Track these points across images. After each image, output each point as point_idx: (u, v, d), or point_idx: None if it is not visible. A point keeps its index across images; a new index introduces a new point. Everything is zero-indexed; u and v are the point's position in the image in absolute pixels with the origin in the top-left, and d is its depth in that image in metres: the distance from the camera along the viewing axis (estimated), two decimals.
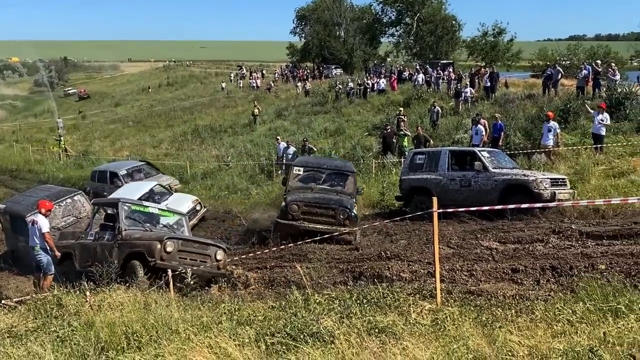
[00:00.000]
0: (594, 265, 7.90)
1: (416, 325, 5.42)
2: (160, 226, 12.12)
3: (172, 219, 12.69)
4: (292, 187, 13.95)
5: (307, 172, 14.44)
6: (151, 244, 10.52)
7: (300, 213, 13.05)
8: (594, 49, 43.50)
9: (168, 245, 10.50)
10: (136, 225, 11.59)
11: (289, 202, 13.09)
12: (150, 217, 12.16)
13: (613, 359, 3.64)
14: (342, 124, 31.51)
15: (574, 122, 21.07)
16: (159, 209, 12.72)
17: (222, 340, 5.25)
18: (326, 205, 13.38)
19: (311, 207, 13.22)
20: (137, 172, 22.93)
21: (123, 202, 12.00)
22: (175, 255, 10.59)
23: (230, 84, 59.28)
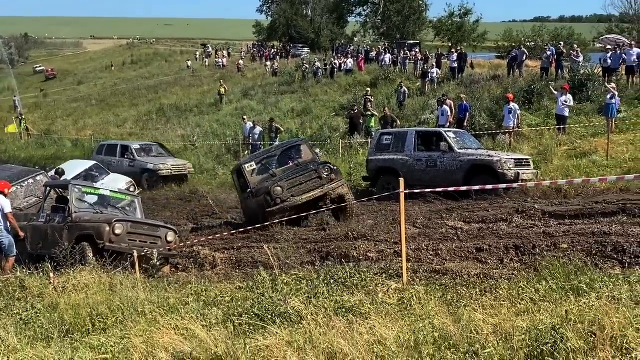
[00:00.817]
0: (556, 244, 8.07)
1: (383, 304, 5.49)
2: (111, 208, 12.00)
3: (124, 201, 12.59)
4: (254, 183, 13.23)
5: (259, 163, 13.83)
6: (100, 227, 10.54)
7: (286, 192, 12.42)
8: (557, 31, 44.05)
9: (117, 227, 10.52)
10: (87, 208, 11.53)
11: (270, 187, 12.39)
12: (101, 200, 12.07)
13: (575, 336, 3.73)
14: (309, 104, 31.44)
15: (537, 103, 21.41)
16: (110, 191, 12.61)
17: (189, 322, 5.23)
18: (307, 171, 12.89)
19: (294, 180, 12.66)
20: (149, 150, 23.39)
21: (74, 184, 11.93)
22: (125, 238, 10.63)
23: (195, 63, 58.47)
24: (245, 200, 13.70)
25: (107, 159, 22.67)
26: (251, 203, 13.16)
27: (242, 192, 14.01)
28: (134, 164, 22.25)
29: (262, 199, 12.51)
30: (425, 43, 54.85)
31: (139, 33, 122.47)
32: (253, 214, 12.97)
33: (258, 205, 12.70)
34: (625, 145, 16.00)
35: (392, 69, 34.20)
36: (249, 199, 13.24)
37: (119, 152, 22.86)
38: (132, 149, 22.72)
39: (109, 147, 23.68)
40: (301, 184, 12.60)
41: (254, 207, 13.00)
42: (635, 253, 7.42)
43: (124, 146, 23.35)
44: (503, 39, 45.84)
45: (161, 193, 20.25)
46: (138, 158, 22.40)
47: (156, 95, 45.29)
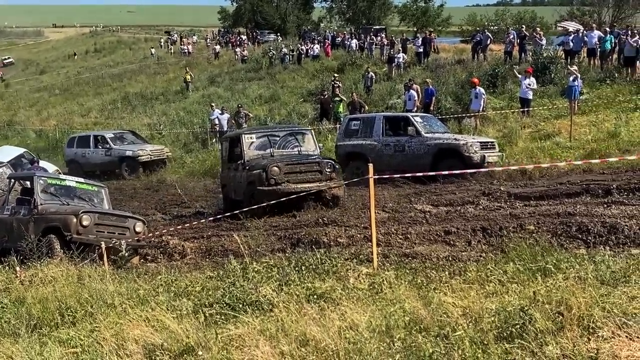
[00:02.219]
0: (522, 225, 8.22)
1: (354, 290, 5.52)
2: (77, 200, 11.78)
3: (91, 191, 12.35)
4: (249, 156, 12.82)
5: (260, 137, 13.41)
6: (66, 218, 10.39)
7: (282, 175, 11.95)
8: (520, 14, 44.54)
9: (84, 219, 10.37)
10: (53, 199, 11.33)
11: (268, 166, 11.94)
12: (67, 191, 11.85)
13: (543, 317, 3.80)
14: (276, 90, 31.25)
15: (502, 87, 21.66)
16: (76, 182, 12.35)
17: (160, 313, 5.19)
18: (310, 162, 12.63)
19: (294, 166, 12.28)
20: (123, 138, 23.01)
21: (38, 175, 11.71)
22: (92, 229, 10.48)
23: (160, 50, 57.61)
24: (231, 170, 13.51)
25: (80, 151, 22.43)
26: (238, 176, 12.92)
27: (228, 162, 13.88)
28: (111, 153, 21.88)
29: (256, 175, 12.07)
30: (390, 28, 54.90)
31: (101, 20, 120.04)
32: (236, 187, 12.90)
33: (247, 180, 12.37)
34: (588, 127, 16.31)
35: (359, 54, 34.17)
36: (237, 171, 13.04)
37: (92, 143, 22.46)
38: (106, 138, 22.34)
39: (80, 139, 23.17)
40: (300, 172, 12.28)
41: (240, 180, 12.75)
42: (599, 233, 7.61)
43: (97, 136, 22.92)
44: (467, 23, 46.18)
45: (128, 183, 19.99)
46: (114, 146, 22.01)
47: (121, 83, 44.53)
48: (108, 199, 12.47)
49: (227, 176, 13.88)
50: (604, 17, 34.13)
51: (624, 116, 16.20)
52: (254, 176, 12.12)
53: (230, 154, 13.87)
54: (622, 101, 17.92)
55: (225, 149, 14.39)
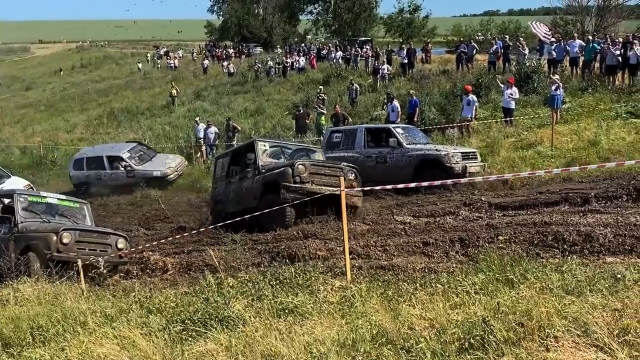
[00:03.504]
0: (497, 235, 8.23)
1: (324, 303, 5.51)
2: (59, 217, 11.67)
3: (73, 208, 12.22)
4: (263, 162, 12.57)
5: (273, 147, 13.34)
6: (47, 236, 10.31)
7: (307, 174, 11.69)
8: (505, 24, 44.89)
9: (64, 236, 10.29)
10: (34, 217, 11.22)
11: (295, 163, 11.73)
12: (49, 208, 11.75)
13: (503, 327, 3.81)
14: (262, 103, 31.33)
15: (485, 97, 21.76)
16: (58, 199, 12.22)
17: (129, 330, 5.16)
18: (334, 166, 12.47)
19: (319, 168, 12.07)
20: (139, 153, 21.31)
21: (19, 193, 11.63)
22: (73, 247, 10.38)
23: (146, 65, 57.61)
24: (232, 183, 13.34)
25: (93, 173, 20.71)
26: (247, 184, 12.69)
27: (227, 177, 13.70)
28: (134, 174, 20.26)
29: (280, 172, 11.78)
30: (376, 39, 55.22)
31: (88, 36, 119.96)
32: (241, 197, 12.67)
33: (264, 181, 12.10)
34: (569, 136, 16.40)
35: (344, 66, 34.33)
36: (245, 179, 12.84)
37: (108, 164, 20.69)
38: (123, 158, 20.57)
39: (91, 160, 21.14)
40: (324, 175, 11.99)
41: (249, 187, 12.52)
42: (574, 241, 7.63)
43: (111, 157, 20.95)
44: (452, 34, 46.47)
45: (112, 199, 19.88)
46: (137, 167, 20.40)
47: (107, 98, 44.47)
48: (91, 216, 12.38)
49: (223, 192, 13.66)
50: (586, 26, 34.41)
51: (604, 124, 16.31)
52: (273, 176, 11.88)
53: (243, 160, 13.38)
54: (604, 110, 18.06)
55: (222, 165, 14.20)
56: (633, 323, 3.38)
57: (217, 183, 14.33)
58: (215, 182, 14.49)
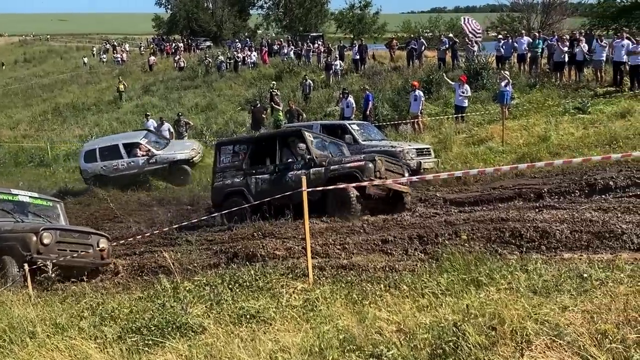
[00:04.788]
0: (457, 232, 8.23)
1: (288, 308, 5.35)
2: (32, 216, 10.85)
3: (46, 206, 11.36)
4: (315, 153, 11.78)
5: (316, 138, 12.61)
6: (25, 237, 9.50)
7: (384, 170, 11.16)
8: (453, 21, 45.48)
9: (45, 236, 9.52)
10: (5, 217, 10.31)
11: (374, 159, 11.14)
12: (20, 206, 10.86)
13: (476, 331, 3.73)
14: (213, 98, 30.88)
15: (436, 93, 21.99)
16: (29, 197, 11.32)
17: (82, 341, 4.89)
18: (398, 162, 12.11)
19: (390, 164, 11.59)
20: (153, 138, 20.03)
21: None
22: (54, 247, 9.60)
23: (92, 59, 56.03)
24: (279, 167, 12.12)
25: (109, 163, 19.28)
26: (289, 176, 11.76)
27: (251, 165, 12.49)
28: (156, 159, 18.89)
29: (360, 168, 11.00)
30: (328, 35, 55.17)
31: (32, 29, 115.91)
32: (290, 187, 10.79)
33: (330, 177, 11.24)
34: (519, 131, 16.66)
35: (296, 61, 34.13)
36: (290, 169, 11.88)
37: (125, 152, 19.30)
38: (141, 144, 19.22)
39: (104, 150, 19.73)
40: (393, 171, 11.55)
41: (293, 180, 11.40)
42: (531, 238, 7.68)
43: (128, 143, 19.52)
44: (402, 30, 46.82)
45: (58, 197, 19.14)
46: (158, 152, 19.07)
47: (51, 94, 43.03)
48: (65, 215, 11.55)
49: (244, 183, 12.36)
50: (532, 24, 35.13)
51: (553, 120, 16.64)
52: (356, 169, 11.09)
53: (253, 157, 12.60)
54: (552, 105, 18.45)
55: (233, 153, 12.90)
56: (611, 328, 3.34)
57: (227, 173, 12.83)
58: (223, 172, 12.92)
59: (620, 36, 18.75)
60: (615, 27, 27.28)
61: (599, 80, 19.73)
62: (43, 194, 12.57)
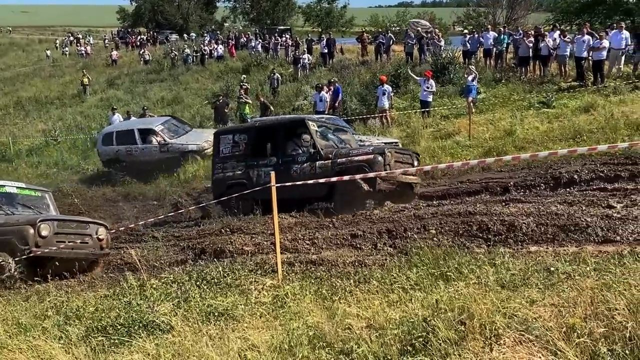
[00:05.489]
0: (425, 226, 8.26)
1: (257, 305, 5.29)
2: (21, 207, 10.31)
3: (34, 197, 10.78)
4: (321, 145, 11.28)
5: (320, 127, 12.05)
6: (22, 229, 9.02)
7: (394, 162, 10.74)
8: (420, 16, 45.73)
9: (42, 228, 9.04)
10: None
11: (384, 151, 10.71)
12: (8, 198, 10.29)
13: (445, 326, 3.73)
14: (179, 92, 30.56)
15: (404, 87, 22.07)
16: (17, 187, 10.75)
17: (46, 342, 4.76)
18: (407, 152, 11.73)
19: (399, 155, 11.18)
20: (173, 126, 19.44)
21: None
22: (52, 239, 9.12)
23: (55, 52, 54.85)
24: (282, 159, 11.58)
25: (124, 148, 18.90)
26: (303, 167, 11.25)
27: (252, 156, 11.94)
28: (168, 148, 18.45)
29: (369, 162, 10.54)
30: (295, 29, 55.01)
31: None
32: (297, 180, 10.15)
33: (338, 171, 10.62)
34: (485, 125, 16.81)
35: (264, 55, 33.94)
36: (295, 162, 11.37)
37: (139, 137, 18.86)
38: (156, 131, 18.74)
39: (121, 134, 19.37)
40: (402, 162, 11.12)
41: (311, 171, 11.02)
42: (498, 231, 7.74)
43: (143, 129, 19.08)
44: (370, 25, 46.94)
45: None
46: (171, 140, 18.58)
47: (13, 87, 42.02)
48: (54, 205, 11.03)
49: (246, 175, 11.85)
50: (498, 18, 35.56)
51: (519, 114, 16.84)
52: (365, 163, 10.57)
53: (255, 147, 12.06)
54: (517, 100, 18.65)
55: (233, 142, 12.42)
56: (579, 322, 3.37)
57: (228, 163, 12.35)
58: (223, 162, 12.45)
59: (582, 32, 19.04)
60: (578, 23, 27.74)
61: (563, 75, 20.04)
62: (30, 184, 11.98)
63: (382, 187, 10.56)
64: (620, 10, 28.54)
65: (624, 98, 16.24)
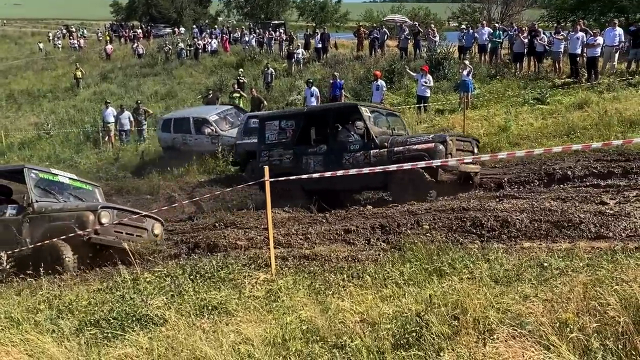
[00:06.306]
0: (419, 222, 8.26)
1: (250, 298, 5.29)
2: (73, 198, 10.12)
3: (85, 190, 10.67)
4: (375, 132, 10.78)
5: (373, 112, 11.57)
6: (82, 215, 8.89)
7: (455, 149, 10.34)
8: (415, 11, 45.75)
9: (103, 215, 8.93)
10: (47, 196, 9.66)
11: (445, 139, 10.28)
12: (61, 188, 10.18)
13: (439, 321, 3.74)
14: (173, 86, 30.48)
15: (398, 83, 22.06)
16: (69, 179, 10.59)
17: (38, 335, 4.75)
18: (467, 139, 11.34)
19: (460, 142, 10.72)
20: (231, 116, 18.59)
21: (29, 168, 9.89)
22: (111, 228, 9.07)
23: (48, 45, 54.53)
24: (333, 147, 11.17)
25: (180, 136, 18.35)
26: (356, 155, 10.83)
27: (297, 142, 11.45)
28: (218, 140, 17.58)
29: (429, 151, 10.09)
30: (289, 23, 54.89)
31: None
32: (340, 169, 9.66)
33: (395, 160, 10.17)
34: (480, 121, 16.84)
35: (258, 50, 33.85)
36: (347, 150, 10.95)
37: (193, 127, 18.22)
38: (209, 120, 18.01)
39: (177, 122, 18.84)
40: (463, 150, 10.66)
41: (365, 160, 10.62)
42: (492, 227, 7.75)
43: (198, 119, 18.38)
44: (364, 19, 46.92)
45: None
46: (222, 132, 17.82)
47: (5, 80, 41.77)
48: (104, 200, 10.86)
49: (294, 163, 11.41)
50: (492, 14, 35.56)
51: (513, 110, 16.88)
52: (425, 152, 10.14)
53: (302, 133, 11.56)
54: (512, 96, 18.69)
55: (279, 128, 11.91)
56: (571, 317, 3.39)
57: (274, 151, 11.91)
58: (269, 150, 12.00)
59: (575, 29, 19.08)
60: (572, 20, 27.77)
61: (557, 71, 20.07)
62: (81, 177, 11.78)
63: (443, 178, 10.22)
64: (615, 7, 28.60)
65: (617, 95, 16.28)
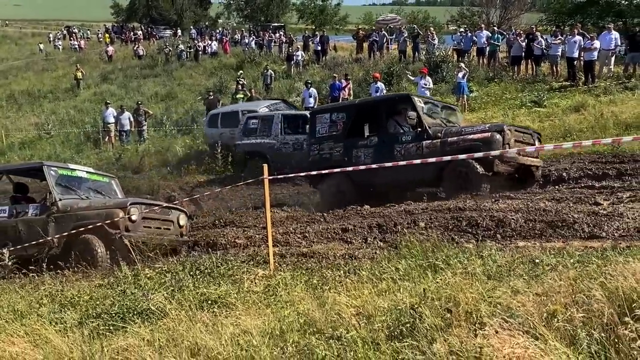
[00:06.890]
0: (415, 221, 8.39)
1: (249, 293, 5.41)
2: (93, 193, 10.05)
3: (102, 182, 10.56)
4: (428, 122, 10.59)
5: (426, 104, 11.42)
6: (112, 212, 8.85)
7: (513, 142, 9.93)
8: (414, 14, 45.95)
9: (133, 212, 8.92)
10: (69, 193, 9.60)
11: (503, 129, 9.98)
12: (80, 183, 10.09)
13: (432, 314, 3.86)
14: (173, 88, 30.60)
15: (397, 85, 22.17)
16: (86, 172, 10.50)
17: (42, 327, 4.86)
18: (527, 131, 10.90)
19: (520, 134, 10.34)
20: (280, 110, 17.96)
21: (48, 165, 9.81)
22: (140, 224, 9.08)
23: (48, 46, 54.63)
24: (385, 139, 10.98)
25: (228, 131, 17.55)
26: (408, 147, 10.60)
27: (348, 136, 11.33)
28: None
29: (485, 141, 9.75)
30: (289, 26, 55.03)
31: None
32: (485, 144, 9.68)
33: (449, 151, 9.86)
34: None
35: (258, 52, 34.01)
36: (399, 141, 10.77)
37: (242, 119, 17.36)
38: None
39: (226, 116, 18.31)
40: (522, 142, 10.27)
41: (418, 152, 10.35)
42: (488, 227, 7.88)
43: (247, 112, 17.63)
44: (364, 22, 47.09)
45: None
46: None
47: (6, 81, 41.80)
48: (121, 192, 10.81)
49: (347, 156, 11.31)
50: (491, 18, 35.71)
51: (510, 113, 17.02)
52: (481, 142, 9.76)
53: (352, 126, 11.44)
54: (509, 98, 18.85)
55: (330, 121, 11.82)
56: (559, 308, 3.51)
57: (325, 144, 11.84)
58: (320, 143, 11.93)
59: (573, 32, 19.23)
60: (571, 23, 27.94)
61: (555, 74, 20.23)
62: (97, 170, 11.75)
63: (499, 170, 9.83)
64: (612, 11, 28.76)
65: (614, 98, 16.44)
